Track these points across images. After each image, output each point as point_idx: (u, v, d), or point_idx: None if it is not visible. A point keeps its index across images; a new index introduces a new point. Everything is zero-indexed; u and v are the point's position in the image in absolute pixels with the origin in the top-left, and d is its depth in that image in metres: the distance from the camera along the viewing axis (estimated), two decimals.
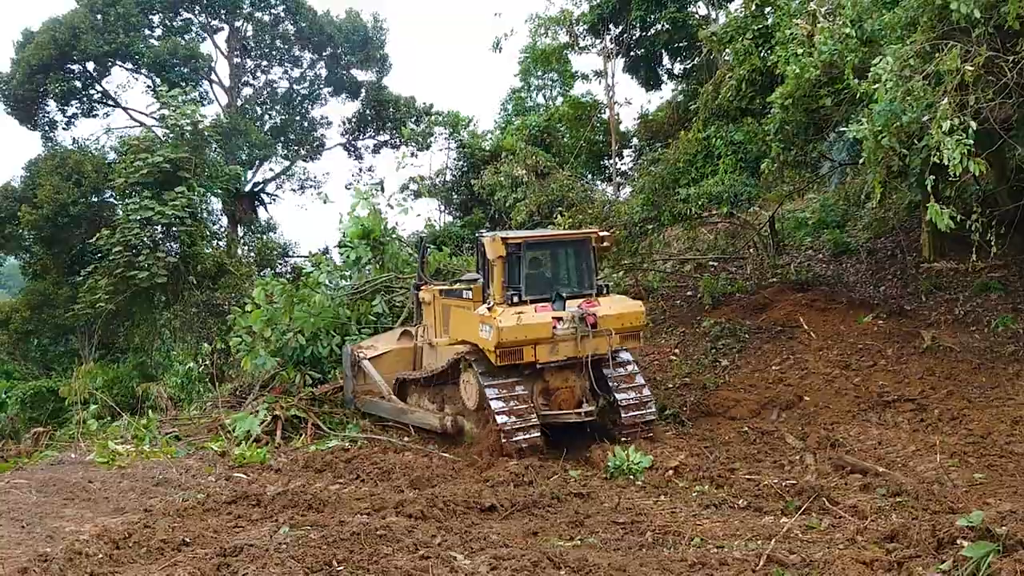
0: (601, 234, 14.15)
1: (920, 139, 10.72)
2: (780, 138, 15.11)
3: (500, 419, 12.72)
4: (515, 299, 12.98)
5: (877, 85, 10.96)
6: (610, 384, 13.44)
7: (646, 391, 13.71)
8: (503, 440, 12.68)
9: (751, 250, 21.84)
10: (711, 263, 21.57)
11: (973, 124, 10.18)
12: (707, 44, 17.66)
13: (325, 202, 24.36)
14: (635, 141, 34.45)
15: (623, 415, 13.30)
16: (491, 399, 12.94)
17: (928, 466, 10.73)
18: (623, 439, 13.10)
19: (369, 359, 16.18)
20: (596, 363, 13.37)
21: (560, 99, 38.93)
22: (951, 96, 10.26)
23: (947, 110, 10.10)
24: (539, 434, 12.88)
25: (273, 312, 17.77)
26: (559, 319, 12.93)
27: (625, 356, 13.90)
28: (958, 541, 6.86)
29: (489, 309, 12.93)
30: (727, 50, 16.94)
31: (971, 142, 10.03)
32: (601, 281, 14.02)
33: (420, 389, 15.41)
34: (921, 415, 12.69)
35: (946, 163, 10.11)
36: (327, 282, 19.99)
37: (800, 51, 13.28)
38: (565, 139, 33.60)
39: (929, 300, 16.95)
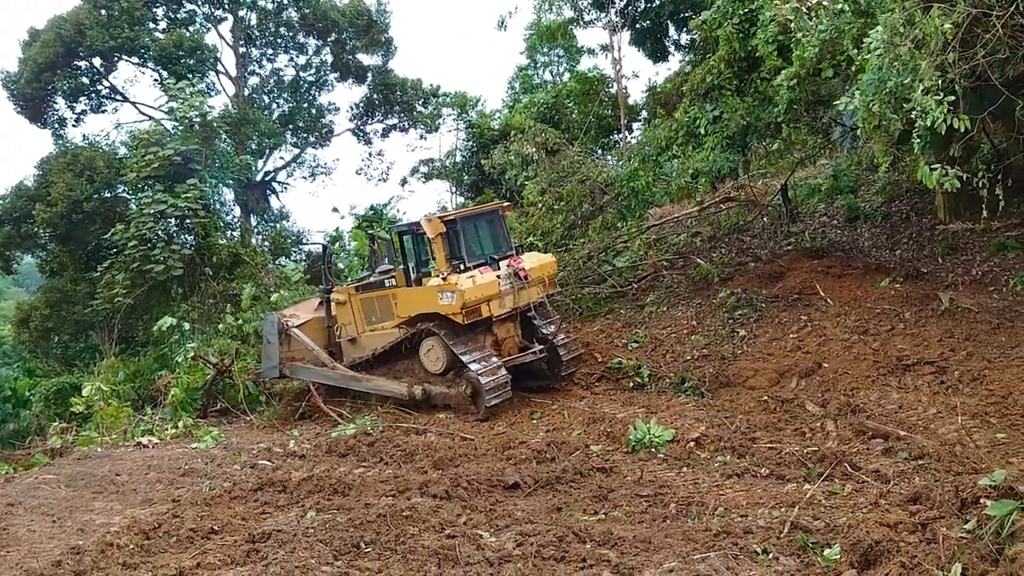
0: (504, 204, 16.95)
1: (907, 102, 10.73)
2: (789, 118, 15.74)
3: (482, 380, 14.44)
4: (460, 267, 14.91)
5: (869, 55, 10.96)
6: (544, 331, 15.86)
7: (570, 333, 16.56)
8: (486, 398, 14.42)
9: (763, 219, 21.75)
10: (721, 243, 21.54)
11: (961, 82, 10.19)
12: (698, 31, 17.96)
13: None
14: (644, 114, 34.32)
15: (563, 355, 15.77)
16: (467, 361, 14.71)
17: (949, 428, 10.73)
18: (563, 378, 15.90)
19: (296, 327, 17.20)
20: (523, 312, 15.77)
21: (567, 75, 38.78)
22: (936, 55, 10.26)
23: (927, 70, 10.12)
24: (510, 387, 14.82)
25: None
26: (499, 277, 15.02)
27: (548, 306, 16.37)
28: (981, 500, 6.89)
29: (443, 279, 14.63)
30: (718, 34, 17.10)
31: (952, 99, 10.01)
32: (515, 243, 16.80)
33: (366, 369, 16.62)
34: (941, 377, 12.64)
35: (928, 123, 10.14)
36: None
37: (782, 35, 13.88)
38: (574, 115, 33.46)
39: (946, 262, 16.87)
